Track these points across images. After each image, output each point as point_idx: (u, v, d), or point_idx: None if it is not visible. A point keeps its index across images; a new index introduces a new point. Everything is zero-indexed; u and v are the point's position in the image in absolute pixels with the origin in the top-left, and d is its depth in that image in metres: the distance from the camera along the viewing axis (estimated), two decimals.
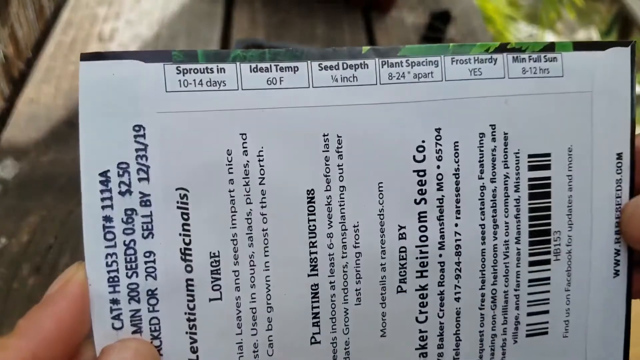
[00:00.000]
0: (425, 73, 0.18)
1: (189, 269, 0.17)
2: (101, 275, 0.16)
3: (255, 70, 0.17)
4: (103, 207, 0.16)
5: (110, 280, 0.17)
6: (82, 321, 0.16)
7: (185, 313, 0.17)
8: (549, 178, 0.19)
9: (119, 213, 0.17)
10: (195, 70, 0.17)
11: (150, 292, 0.17)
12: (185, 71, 0.17)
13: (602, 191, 0.19)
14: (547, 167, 0.19)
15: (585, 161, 0.19)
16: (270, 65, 0.17)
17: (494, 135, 0.19)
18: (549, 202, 0.19)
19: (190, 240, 0.17)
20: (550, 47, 0.19)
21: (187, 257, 0.17)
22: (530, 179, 0.19)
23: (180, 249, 0.17)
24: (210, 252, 0.17)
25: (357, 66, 0.18)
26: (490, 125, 0.19)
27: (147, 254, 0.17)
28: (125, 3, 0.56)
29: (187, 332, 0.17)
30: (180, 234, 0.17)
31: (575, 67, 0.19)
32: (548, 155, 0.19)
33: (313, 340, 0.18)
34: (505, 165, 0.19)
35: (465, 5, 0.63)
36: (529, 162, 0.19)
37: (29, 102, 0.45)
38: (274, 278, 0.18)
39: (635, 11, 1.17)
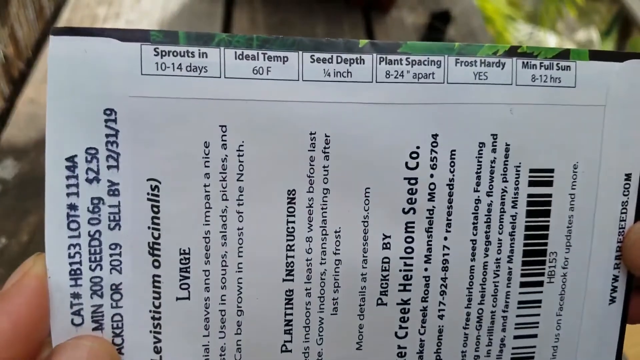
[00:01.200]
0: (426, 73, 0.17)
1: (156, 264, 0.16)
2: (62, 267, 0.15)
3: (240, 57, 0.16)
4: (68, 195, 0.15)
5: (72, 272, 0.15)
6: (42, 318, 0.15)
7: (150, 311, 0.16)
8: (549, 195, 0.18)
9: (85, 201, 0.16)
10: (175, 53, 0.15)
11: (114, 287, 0.16)
12: (163, 53, 0.15)
13: (606, 213, 0.18)
14: (549, 183, 0.18)
15: (590, 180, 0.18)
16: (258, 53, 0.16)
17: (495, 145, 0.17)
18: (547, 221, 0.18)
19: (159, 234, 0.16)
20: (564, 54, 0.17)
21: (155, 252, 0.16)
22: (529, 195, 0.18)
23: (149, 242, 0.16)
24: (180, 249, 0.16)
25: (352, 61, 0.16)
26: (491, 134, 0.17)
27: (113, 247, 0.16)
28: (125, 3, 0.56)
29: (151, 331, 0.16)
30: (149, 227, 0.16)
31: (590, 78, 0.17)
32: (551, 171, 0.18)
33: (284, 348, 0.17)
34: (504, 179, 0.17)
35: (465, 5, 0.62)
36: (530, 177, 0.18)
37: (29, 102, 0.44)
38: (247, 280, 0.17)
39: (635, 11, 1.15)
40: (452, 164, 0.17)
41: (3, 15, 0.42)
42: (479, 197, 0.17)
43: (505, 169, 0.17)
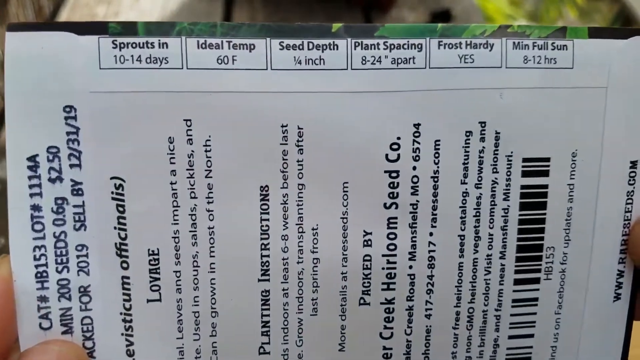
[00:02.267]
0: (406, 58, 0.15)
1: (125, 265, 0.16)
2: (28, 269, 0.15)
3: (203, 46, 0.15)
4: (31, 195, 0.15)
5: (38, 275, 0.15)
6: (8, 321, 0.15)
7: (121, 313, 0.16)
8: (545, 186, 0.16)
9: (49, 202, 0.15)
10: (134, 45, 0.15)
11: (82, 289, 0.15)
12: (122, 45, 0.15)
13: (609, 204, 0.17)
14: (544, 173, 0.16)
15: (591, 169, 0.16)
16: (222, 42, 0.15)
17: (484, 134, 0.16)
18: (544, 214, 0.17)
19: (126, 234, 0.15)
20: (560, 32, 0.16)
21: (123, 253, 0.15)
22: (523, 187, 0.16)
23: (116, 243, 0.15)
24: (149, 249, 0.16)
25: (325, 47, 0.15)
26: (479, 122, 0.16)
27: (79, 248, 0.15)
28: (125, 3, 0.56)
29: (122, 334, 0.16)
30: (115, 227, 0.15)
31: (589, 58, 0.16)
32: (547, 160, 0.16)
33: (262, 350, 0.17)
34: (494, 170, 0.16)
35: (466, 4, 0.61)
36: (523, 167, 0.16)
37: None
38: (220, 281, 0.16)
39: (636, 10, 1.10)
40: (437, 155, 0.16)
41: (2, 15, 0.43)
42: (466, 189, 0.16)
43: (495, 159, 0.16)
